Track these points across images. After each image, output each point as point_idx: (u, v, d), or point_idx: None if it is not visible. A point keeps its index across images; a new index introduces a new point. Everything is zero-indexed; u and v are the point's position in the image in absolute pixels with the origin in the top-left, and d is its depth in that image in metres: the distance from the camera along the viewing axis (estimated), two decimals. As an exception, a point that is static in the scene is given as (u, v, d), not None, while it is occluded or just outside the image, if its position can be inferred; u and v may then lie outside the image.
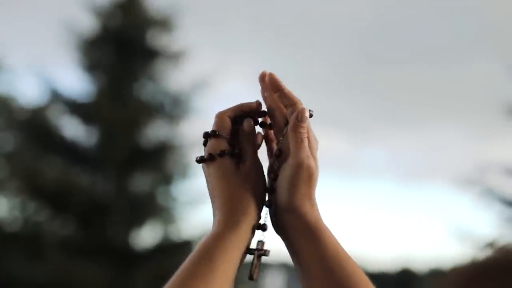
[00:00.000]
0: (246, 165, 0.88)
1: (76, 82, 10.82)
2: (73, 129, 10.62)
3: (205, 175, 0.90)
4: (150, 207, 10.29)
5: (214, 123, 0.91)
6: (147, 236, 10.33)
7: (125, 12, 10.77)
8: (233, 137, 0.91)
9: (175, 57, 10.89)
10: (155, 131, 10.63)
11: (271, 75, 0.93)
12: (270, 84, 0.93)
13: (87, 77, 10.68)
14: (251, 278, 0.85)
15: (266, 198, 0.88)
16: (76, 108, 10.54)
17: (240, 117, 0.92)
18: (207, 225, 10.31)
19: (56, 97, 10.59)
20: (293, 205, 0.85)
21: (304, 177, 0.85)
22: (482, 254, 0.51)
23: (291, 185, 0.85)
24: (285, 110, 0.91)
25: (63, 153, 10.28)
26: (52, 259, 9.27)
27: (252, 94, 0.95)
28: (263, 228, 0.86)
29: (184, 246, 10.27)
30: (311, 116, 0.90)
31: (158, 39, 10.91)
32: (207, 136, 0.90)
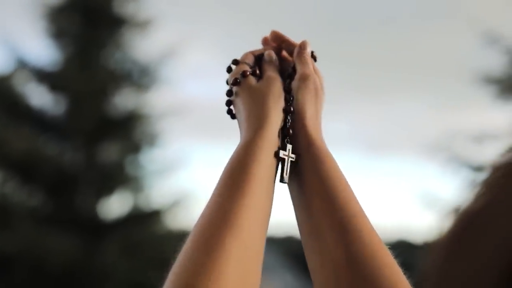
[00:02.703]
0: (265, 78, 0.92)
1: (42, 50, 10.73)
2: (40, 98, 10.53)
3: (234, 103, 0.94)
4: (118, 177, 10.27)
5: (240, 57, 0.96)
6: (116, 205, 10.33)
7: (92, -21, 10.65)
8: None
9: (143, 25, 10.82)
10: (123, 100, 10.58)
11: (273, 31, 1.00)
12: (274, 39, 1.00)
13: (54, 45, 10.58)
14: (282, 180, 0.86)
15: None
16: (43, 76, 10.45)
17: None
18: (176, 194, 10.35)
19: (23, 65, 10.48)
20: (302, 119, 0.89)
21: (310, 88, 0.91)
22: (447, 220, 0.52)
23: (299, 96, 0.90)
24: (290, 58, 0.98)
25: (30, 122, 10.20)
26: (20, 230, 9.24)
27: (220, 63, 0.97)
28: (289, 132, 0.88)
29: (154, 215, 10.31)
30: (315, 59, 0.97)
31: (125, 7, 10.81)
32: (229, 69, 0.95)
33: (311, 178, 0.84)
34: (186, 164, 10.73)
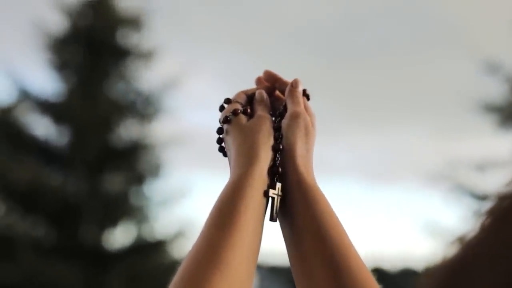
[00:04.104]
0: (256, 116, 0.93)
1: (46, 82, 10.77)
2: (43, 129, 10.55)
3: (224, 141, 0.95)
4: (122, 207, 10.24)
5: (232, 96, 0.98)
6: (120, 236, 10.29)
7: (95, 11, 10.72)
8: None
9: (146, 56, 10.87)
10: (126, 131, 10.59)
11: (266, 71, 1.02)
12: (268, 79, 1.02)
13: (58, 77, 10.62)
14: (272, 219, 0.86)
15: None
16: (46, 107, 10.47)
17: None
18: (180, 225, 10.31)
19: (26, 96, 10.51)
20: (292, 156, 0.89)
21: (300, 126, 0.91)
22: (450, 249, 0.53)
23: (289, 134, 0.90)
24: (283, 97, 0.99)
25: (34, 153, 10.20)
26: (24, 260, 9.20)
27: (223, 93, 0.99)
28: (278, 170, 0.88)
29: (158, 246, 10.25)
30: (308, 97, 0.99)
31: (128, 38, 10.88)
32: (222, 108, 0.96)
33: (302, 217, 0.84)
34: (190, 194, 10.71)
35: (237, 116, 0.92)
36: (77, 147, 10.08)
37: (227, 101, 0.96)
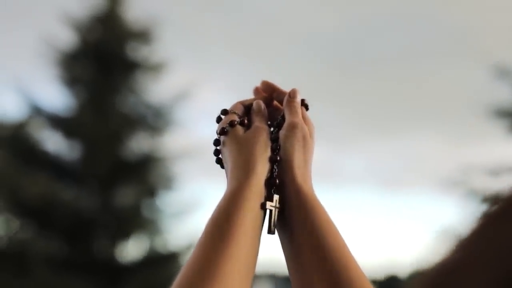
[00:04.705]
0: (252, 128, 0.92)
1: (57, 97, 10.81)
2: (55, 144, 10.59)
3: (221, 153, 0.93)
4: (135, 220, 10.26)
5: (230, 107, 0.97)
6: (133, 249, 10.30)
7: (104, 26, 10.77)
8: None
9: (156, 69, 10.91)
10: (138, 144, 10.61)
11: (263, 81, 1.01)
12: (266, 89, 1.01)
13: (68, 92, 10.66)
14: (270, 231, 0.86)
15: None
16: (58, 123, 10.51)
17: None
18: (193, 236, 10.31)
19: (37, 112, 10.56)
20: (289, 167, 0.88)
21: (298, 137, 0.90)
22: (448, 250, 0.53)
23: (287, 144, 0.89)
24: (281, 107, 0.98)
25: (46, 168, 10.23)
26: (39, 275, 9.22)
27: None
28: (275, 182, 0.87)
29: (171, 258, 10.26)
30: (307, 107, 0.97)
31: (138, 52, 10.91)
32: (219, 119, 0.95)
33: (300, 228, 0.83)
34: (201, 205, 10.71)
35: (234, 127, 0.92)
36: (89, 161, 10.11)
37: (224, 112, 0.95)
